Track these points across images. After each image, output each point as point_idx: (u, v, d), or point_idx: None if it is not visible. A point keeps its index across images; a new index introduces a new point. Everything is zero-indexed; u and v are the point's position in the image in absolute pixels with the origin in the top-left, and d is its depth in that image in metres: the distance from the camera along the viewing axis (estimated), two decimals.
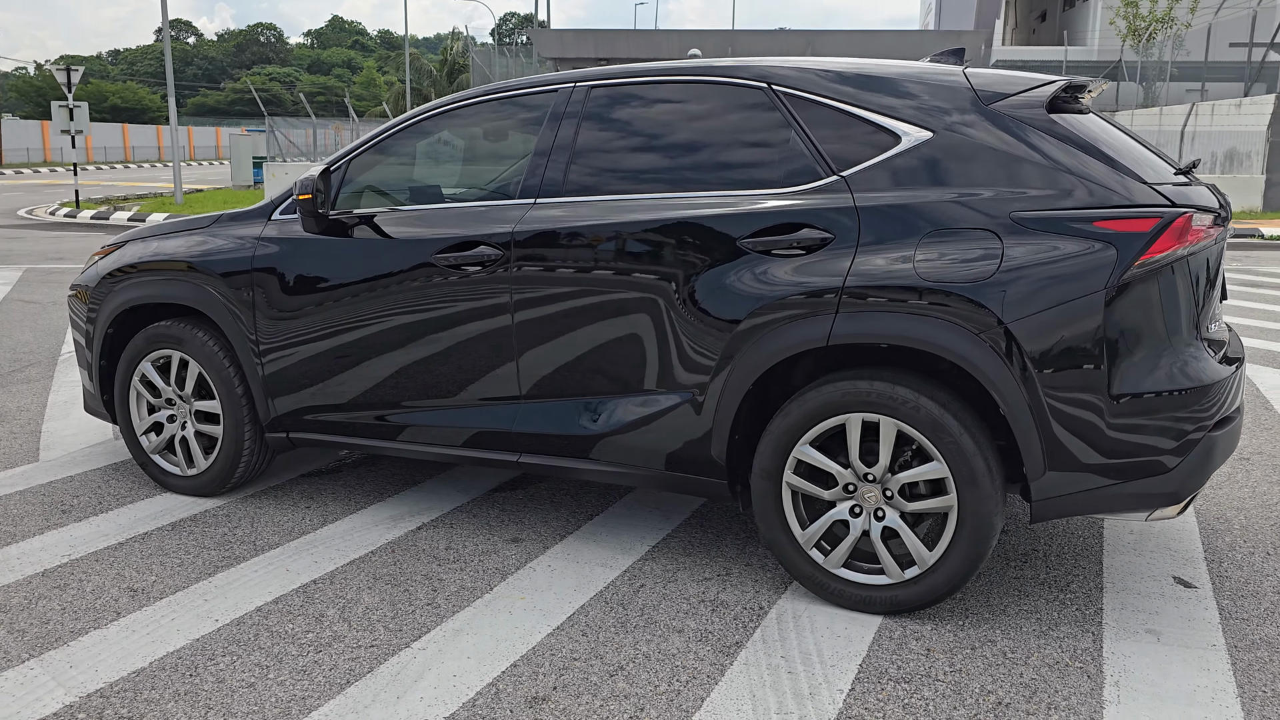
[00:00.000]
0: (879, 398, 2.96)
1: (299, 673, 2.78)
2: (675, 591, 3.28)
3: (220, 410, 4.01)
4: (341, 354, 3.74)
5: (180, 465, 4.17)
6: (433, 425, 3.66)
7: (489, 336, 3.48)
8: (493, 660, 2.84)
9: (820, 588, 3.14)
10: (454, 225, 3.53)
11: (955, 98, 3.04)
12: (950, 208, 2.92)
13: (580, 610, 3.14)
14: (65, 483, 4.34)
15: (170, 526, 3.85)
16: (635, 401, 3.32)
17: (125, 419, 4.24)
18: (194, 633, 3.01)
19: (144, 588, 3.32)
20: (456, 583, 3.35)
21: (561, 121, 3.48)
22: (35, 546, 3.65)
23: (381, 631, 3.01)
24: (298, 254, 3.77)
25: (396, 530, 3.80)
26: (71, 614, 3.13)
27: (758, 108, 3.24)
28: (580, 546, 3.64)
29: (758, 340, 3.08)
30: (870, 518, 3.06)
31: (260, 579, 3.38)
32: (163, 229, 4.22)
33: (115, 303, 4.17)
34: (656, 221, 3.23)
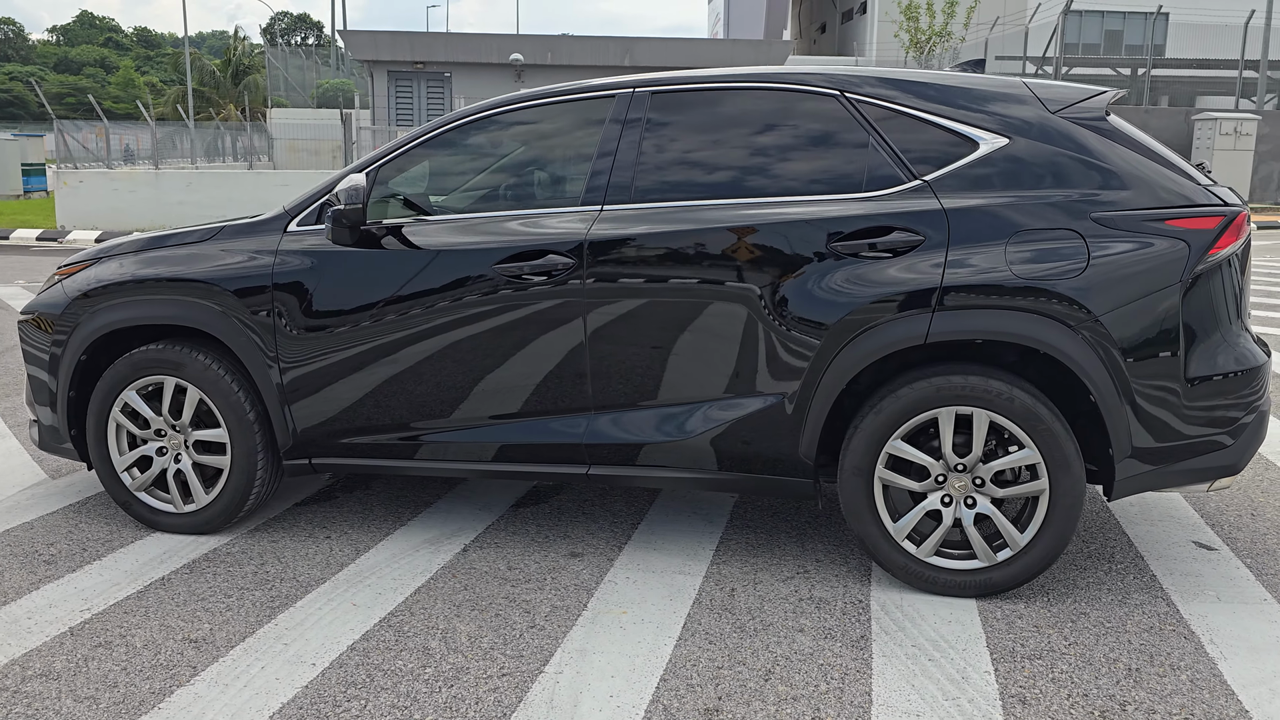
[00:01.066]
0: (973, 391, 3.11)
1: (446, 709, 2.63)
2: (769, 592, 3.31)
3: (227, 439, 3.70)
4: (383, 373, 3.54)
5: (174, 502, 3.81)
6: (486, 442, 3.53)
7: (557, 347, 3.39)
8: (640, 677, 2.78)
9: (914, 577, 3.25)
10: (513, 233, 3.42)
11: (1024, 106, 3.23)
12: (1033, 210, 3.10)
13: (690, 619, 3.12)
14: (25, 530, 3.87)
15: (186, 569, 3.52)
16: (719, 406, 3.33)
17: (101, 455, 3.83)
18: (298, 680, 2.78)
19: (203, 637, 3.03)
20: (546, 603, 3.24)
21: (624, 127, 3.44)
22: (41, 603, 3.25)
23: (502, 659, 2.89)
24: (330, 268, 3.53)
25: (443, 554, 3.63)
26: (138, 674, 2.82)
27: (830, 114, 3.32)
28: (644, 556, 3.61)
29: (854, 340, 3.16)
30: (960, 506, 3.21)
31: (330, 616, 3.16)
32: (146, 243, 3.85)
33: (93, 326, 3.76)
34: (741, 226, 3.25)
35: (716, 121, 3.42)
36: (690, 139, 3.42)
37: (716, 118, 3.42)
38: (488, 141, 3.72)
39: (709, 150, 3.41)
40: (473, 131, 3.65)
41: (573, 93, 3.58)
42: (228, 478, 3.74)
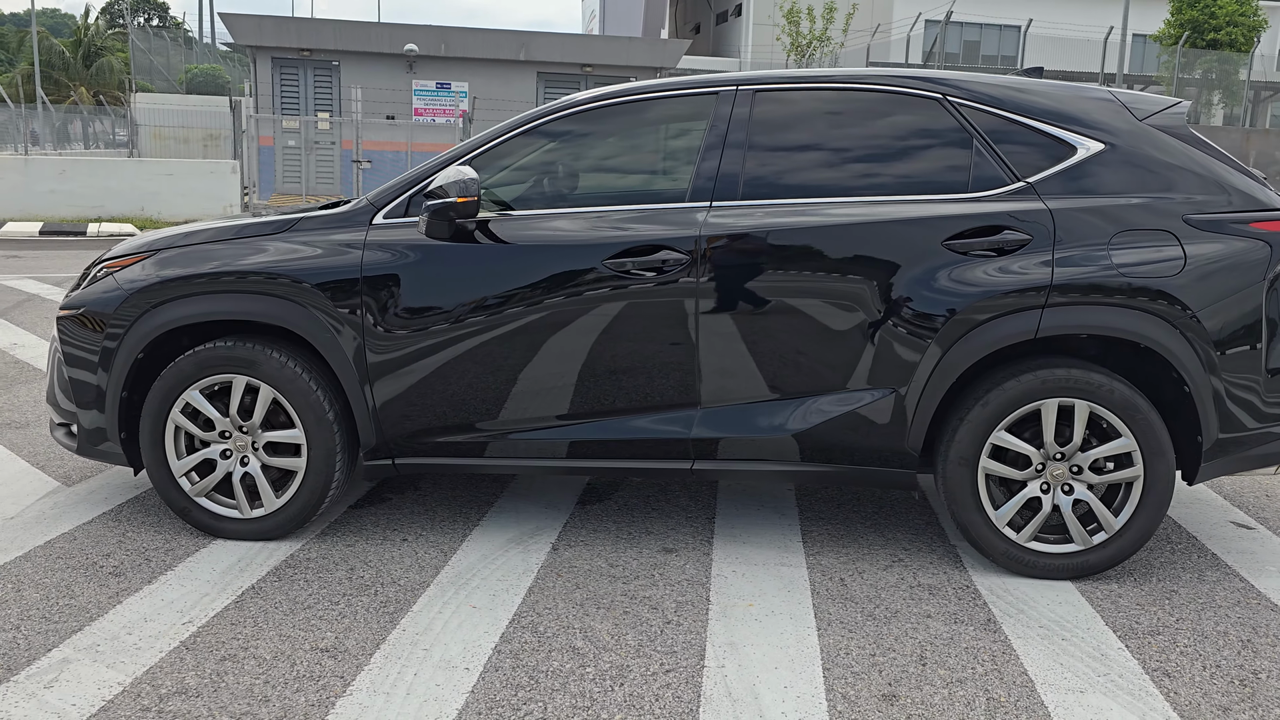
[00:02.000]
0: (1076, 383, 3.27)
1: (629, 707, 2.61)
2: (877, 581, 3.40)
3: (304, 440, 3.55)
4: (481, 370, 3.46)
5: (240, 507, 3.64)
6: (587, 439, 3.50)
7: (666, 343, 3.40)
8: (802, 667, 2.83)
9: (1015, 561, 3.40)
10: (622, 229, 3.40)
11: (1115, 113, 3.42)
12: (1131, 212, 3.29)
13: (819, 610, 3.18)
14: (68, 542, 3.62)
15: (274, 577, 3.37)
16: (830, 400, 3.40)
17: (157, 459, 3.62)
18: (460, 685, 2.71)
19: (334, 646, 2.92)
20: (668, 598, 3.25)
21: (730, 124, 3.47)
22: (133, 617, 3.06)
23: (659, 655, 2.88)
24: (425, 262, 3.44)
25: (534, 553, 3.59)
26: (285, 686, 2.70)
27: (932, 116, 3.43)
28: (738, 549, 3.65)
29: (967, 336, 3.28)
30: (1058, 493, 3.37)
31: (455, 619, 3.08)
32: (212, 235, 3.65)
33: (157, 322, 3.55)
34: (855, 225, 3.33)
35: (820, 121, 3.49)
36: (794, 138, 3.48)
37: (819, 117, 3.49)
38: (581, 135, 3.67)
39: (813, 149, 3.47)
40: (568, 125, 3.61)
41: (672, 89, 3.58)
42: (303, 480, 3.59)
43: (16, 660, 2.80)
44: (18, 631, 2.96)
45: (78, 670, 2.75)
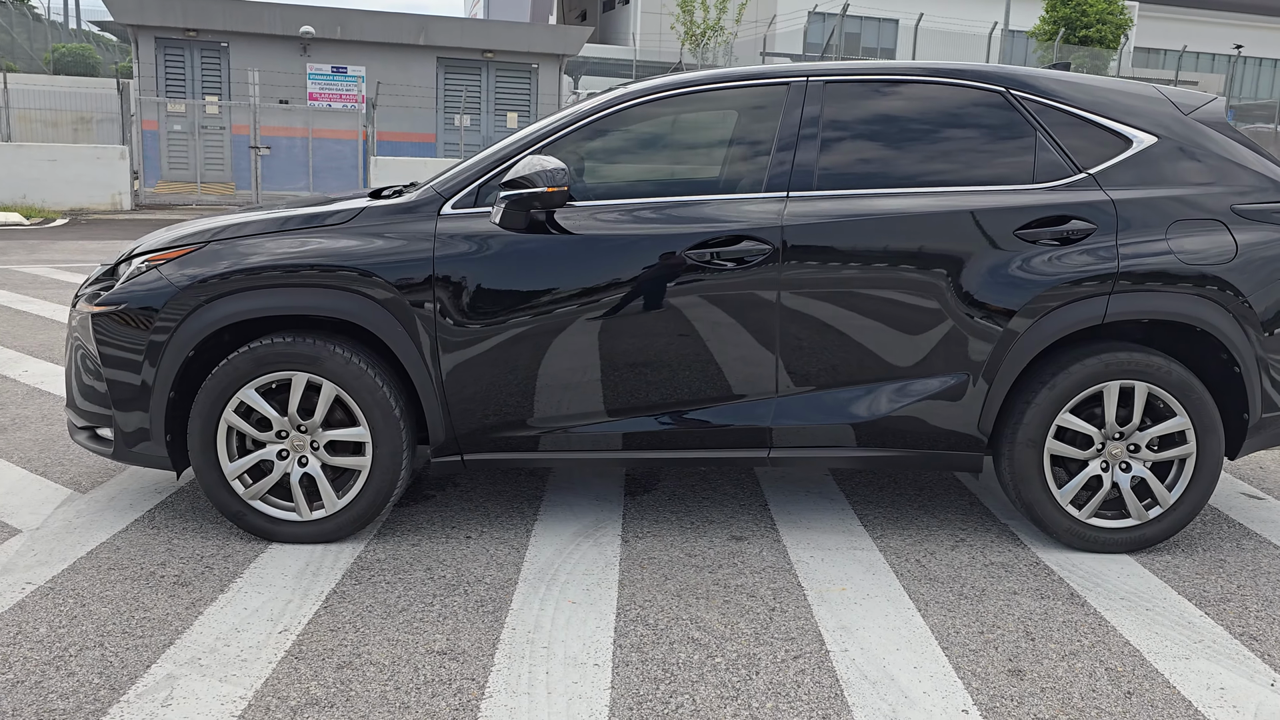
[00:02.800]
0: (1137, 366, 3.44)
1: (776, 694, 2.63)
2: (951, 561, 3.50)
3: (369, 438, 3.43)
4: (557, 362, 3.41)
5: (298, 509, 3.49)
6: (663, 429, 3.49)
7: (747, 332, 3.41)
8: (921, 646, 2.89)
9: (1077, 537, 3.55)
10: (703, 219, 3.40)
11: (1164, 108, 3.59)
12: (1184, 202, 3.46)
13: (911, 591, 3.26)
14: (113, 552, 3.42)
15: (351, 580, 3.26)
16: (907, 386, 3.47)
17: (208, 462, 3.45)
18: (599, 682, 2.68)
19: (448, 648, 2.84)
20: (761, 586, 3.28)
21: (803, 115, 3.50)
22: (223, 629, 2.92)
23: (780, 642, 2.91)
24: (501, 253, 3.36)
25: (608, 546, 3.56)
26: (419, 691, 2.62)
27: (996, 109, 3.54)
28: (806, 535, 3.70)
29: (1038, 322, 3.40)
30: (1116, 470, 3.53)
31: (562, 615, 3.04)
32: (260, 227, 3.48)
33: (210, 318, 3.37)
34: (930, 214, 3.41)
35: (887, 112, 3.55)
36: (864, 129, 3.53)
37: (887, 108, 3.55)
38: (650, 124, 3.64)
39: (881, 140, 3.53)
40: (637, 113, 3.57)
41: (743, 79, 3.59)
42: (368, 480, 3.47)
43: (117, 678, 2.64)
44: (103, 648, 2.78)
45: (190, 685, 2.61)
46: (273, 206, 3.90)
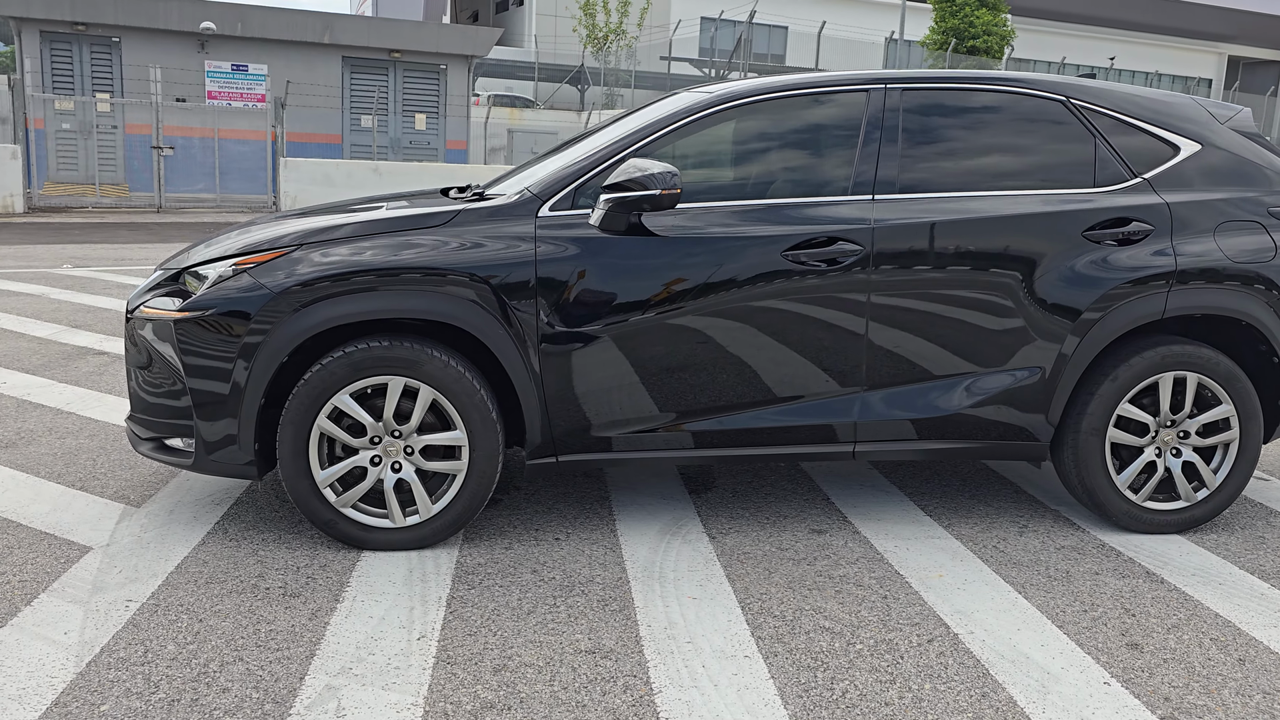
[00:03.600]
0: (1190, 358, 3.69)
1: (933, 677, 2.75)
2: (1025, 545, 3.69)
3: (465, 442, 3.42)
4: (654, 362, 3.47)
5: (391, 516, 3.45)
6: (753, 427, 3.58)
7: (837, 330, 3.53)
8: (1038, 626, 3.05)
9: (1134, 519, 3.78)
10: (797, 221, 3.50)
11: (1203, 117, 3.86)
12: (1226, 205, 3.74)
13: (1004, 575, 3.43)
14: (201, 566, 3.32)
15: (463, 585, 3.24)
16: (985, 380, 3.64)
17: (300, 470, 3.38)
18: (758, 673, 2.75)
19: (596, 647, 2.87)
20: (864, 575, 3.39)
21: (884, 120, 3.63)
22: (360, 638, 2.88)
23: (908, 627, 3.03)
24: (604, 255, 3.40)
25: (697, 543, 3.63)
26: (593, 689, 2.64)
27: (1057, 117, 3.74)
28: (880, 525, 3.83)
29: (1105, 317, 3.61)
30: (1168, 456, 3.78)
31: (689, 612, 3.09)
32: (355, 229, 3.42)
33: (308, 323, 3.30)
34: (1007, 217, 3.59)
35: (960, 118, 3.72)
36: (941, 133, 3.69)
37: (959, 115, 3.72)
38: (739, 128, 3.71)
39: (958, 144, 3.70)
40: (727, 117, 3.65)
41: (827, 85, 3.70)
42: (464, 484, 3.45)
43: (275, 692, 2.58)
44: (244, 663, 2.72)
45: (355, 695, 2.58)
46: (337, 209, 3.84)
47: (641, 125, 3.59)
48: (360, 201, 4.31)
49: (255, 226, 3.74)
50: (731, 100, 3.63)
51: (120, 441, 4.58)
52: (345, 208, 4.01)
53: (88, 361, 6.14)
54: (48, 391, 5.39)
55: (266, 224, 3.73)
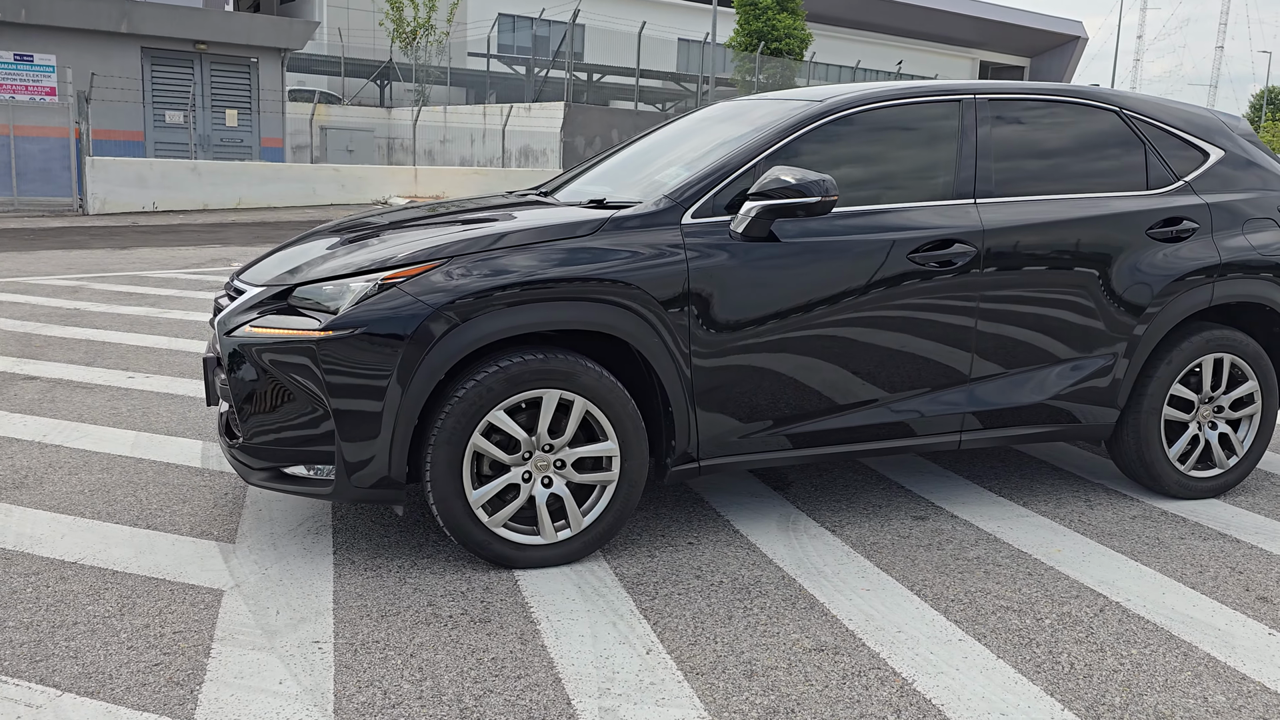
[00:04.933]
0: (1227, 341, 4.14)
1: (1122, 640, 2.99)
2: (1102, 518, 4.02)
3: (617, 452, 3.40)
4: (792, 365, 3.55)
5: (543, 532, 3.38)
6: (876, 423, 3.73)
7: (951, 327, 3.74)
8: (1175, 589, 3.36)
9: (1182, 487, 4.20)
10: (914, 225, 3.67)
11: (1221, 126, 4.32)
12: (1247, 204, 4.21)
13: (1113, 546, 3.72)
14: (359, 599, 3.14)
15: (642, 595, 3.22)
16: (1068, 369, 3.94)
17: (455, 491, 3.25)
18: (984, 652, 2.91)
19: (838, 643, 2.93)
20: (996, 555, 3.61)
21: (978, 129, 3.86)
22: (590, 658, 2.82)
23: (1075, 601, 3.26)
24: (749, 261, 3.45)
25: (825, 537, 3.74)
26: (855, 682, 2.72)
27: (1111, 126, 4.10)
28: (966, 509, 4.07)
29: (1166, 307, 4.00)
30: (1206, 428, 4.23)
31: (878, 605, 3.21)
32: (513, 241, 3.31)
33: (470, 338, 3.18)
34: (1087, 218, 3.91)
35: (1035, 126, 4.01)
36: (1020, 140, 3.96)
37: (1035, 123, 4.01)
38: (852, 136, 3.81)
39: (1033, 151, 3.98)
40: (843, 124, 3.75)
41: (927, 94, 3.89)
42: (614, 495, 3.43)
43: (545, 716, 2.51)
44: (495, 694, 2.62)
45: (640, 715, 2.54)
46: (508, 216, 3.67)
47: (766, 133, 3.65)
48: (423, 209, 4.16)
49: (396, 238, 3.53)
50: (844, 108, 3.76)
51: (145, 474, 4.20)
52: (434, 215, 3.87)
53: (23, 387, 5.53)
54: (20, 425, 4.84)
55: (409, 234, 3.54)
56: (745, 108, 4.27)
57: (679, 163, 3.91)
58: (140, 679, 2.63)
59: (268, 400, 3.27)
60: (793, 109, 3.80)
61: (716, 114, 4.47)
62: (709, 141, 3.97)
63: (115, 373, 5.92)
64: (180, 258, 11.62)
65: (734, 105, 4.51)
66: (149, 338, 6.95)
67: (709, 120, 4.43)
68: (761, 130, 3.69)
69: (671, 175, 3.75)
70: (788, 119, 3.71)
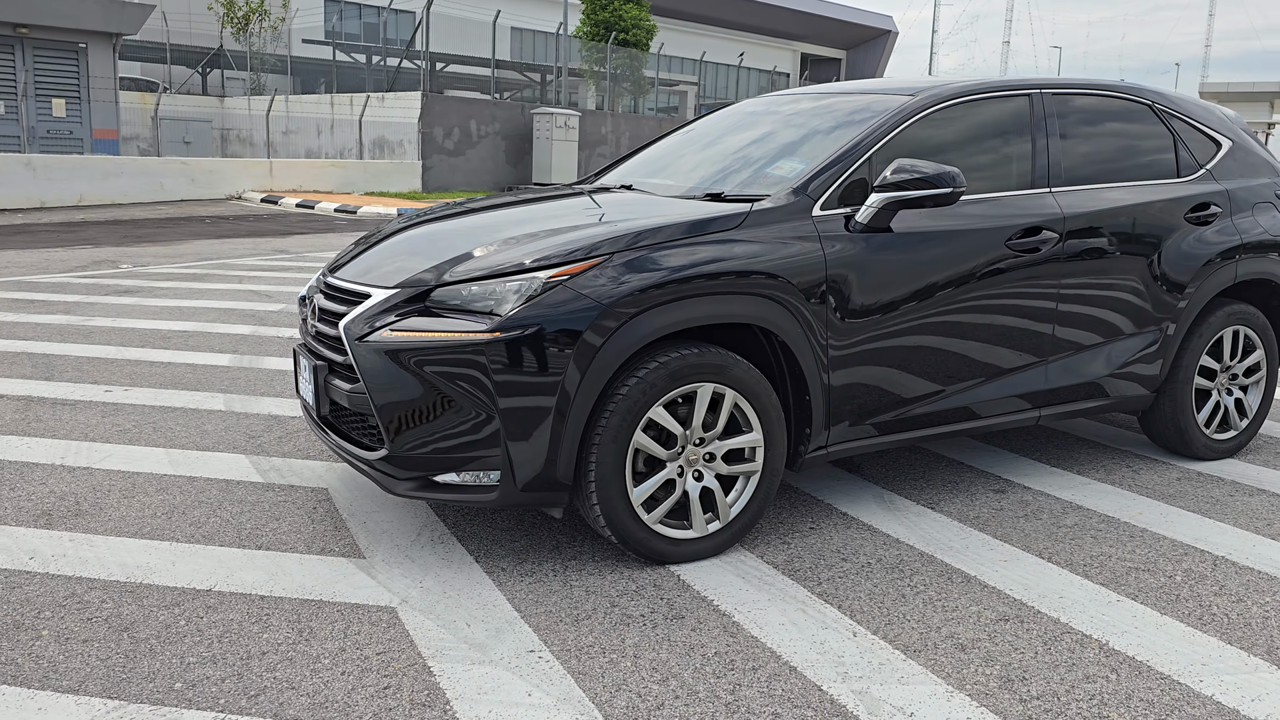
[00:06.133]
0: (1244, 315, 4.56)
1: (1247, 589, 3.29)
2: (1152, 479, 4.36)
3: (761, 443, 3.45)
4: (910, 350, 3.69)
5: (695, 525, 3.40)
6: (975, 402, 3.92)
7: (1037, 309, 3.96)
8: (1261, 543, 3.70)
9: (1207, 449, 4.59)
10: (1006, 214, 3.87)
11: (1226, 119, 4.73)
12: (1252, 190, 4.64)
13: (1187, 508, 4.02)
14: (533, 604, 3.08)
15: (804, 582, 3.29)
16: (1125, 345, 4.25)
17: (618, 490, 3.23)
18: (1173, 619, 3.14)
19: (1023, 615, 3.09)
20: (1089, 521, 3.87)
21: (1045, 122, 4.10)
22: (806, 643, 2.87)
23: (1181, 558, 3.54)
24: (875, 251, 3.56)
25: (927, 515, 3.90)
26: (1062, 672, 2.89)
27: (1146, 118, 4.43)
28: (1035, 481, 4.33)
29: (1203, 284, 4.37)
30: (1223, 394, 4.65)
31: (1020, 571, 3.39)
32: (665, 235, 3.28)
33: (641, 332, 3.16)
34: (1143, 203, 4.22)
35: (1089, 119, 4.28)
36: (1078, 132, 4.23)
37: (1088, 116, 4.28)
38: (944, 128, 3.95)
39: (1090, 141, 4.26)
40: (940, 117, 3.90)
41: (998, 89, 4.08)
42: (758, 485, 3.48)
43: (829, 707, 2.56)
44: (757, 688, 2.64)
45: (890, 692, 2.62)
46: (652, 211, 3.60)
47: (875, 127, 3.75)
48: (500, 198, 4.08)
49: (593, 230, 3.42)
50: (938, 102, 3.91)
51: (209, 492, 3.94)
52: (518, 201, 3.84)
53: (30, 410, 5.05)
54: (36, 449, 4.42)
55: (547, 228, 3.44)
56: (775, 104, 4.44)
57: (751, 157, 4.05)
58: (383, 704, 2.51)
59: (423, 407, 3.14)
60: (890, 102, 3.91)
61: (757, 109, 4.58)
62: (766, 135, 4.14)
63: (88, 387, 5.47)
64: (56, 261, 10.74)
65: (765, 102, 4.64)
66: (95, 348, 6.44)
67: (752, 115, 4.55)
68: (865, 125, 3.79)
69: (753, 170, 3.93)
70: (888, 114, 3.82)
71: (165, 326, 7.18)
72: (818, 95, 4.47)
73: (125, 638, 2.81)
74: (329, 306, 3.49)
